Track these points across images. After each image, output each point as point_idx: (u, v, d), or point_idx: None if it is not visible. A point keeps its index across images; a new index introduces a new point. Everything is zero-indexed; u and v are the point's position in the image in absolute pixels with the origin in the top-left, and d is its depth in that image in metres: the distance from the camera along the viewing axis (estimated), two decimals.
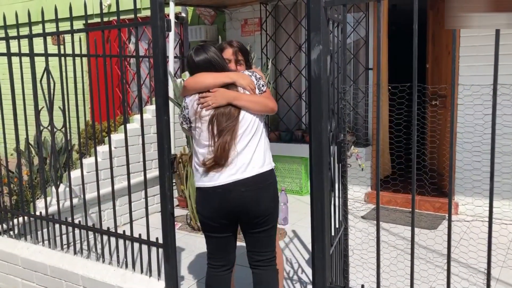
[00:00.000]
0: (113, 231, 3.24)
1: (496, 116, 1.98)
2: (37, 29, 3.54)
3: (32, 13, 4.02)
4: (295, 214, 4.86)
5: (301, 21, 5.67)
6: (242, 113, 2.37)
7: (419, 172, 4.44)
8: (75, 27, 3.14)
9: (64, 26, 5.43)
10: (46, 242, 3.70)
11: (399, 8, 6.73)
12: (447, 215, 4.65)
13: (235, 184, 2.34)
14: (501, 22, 1.98)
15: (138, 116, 5.02)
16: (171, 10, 5.22)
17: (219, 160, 2.33)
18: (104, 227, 3.35)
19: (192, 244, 4.23)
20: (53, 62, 3.76)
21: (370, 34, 5.23)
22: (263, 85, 2.46)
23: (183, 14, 6.30)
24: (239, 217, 2.42)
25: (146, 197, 3.03)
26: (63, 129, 3.40)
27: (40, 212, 3.66)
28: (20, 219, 3.86)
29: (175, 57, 5.43)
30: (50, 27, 6.42)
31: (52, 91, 3.36)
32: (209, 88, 2.37)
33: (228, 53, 2.56)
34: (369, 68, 5.27)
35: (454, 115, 4.55)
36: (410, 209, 4.91)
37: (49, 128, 3.45)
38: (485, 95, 4.29)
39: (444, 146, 4.93)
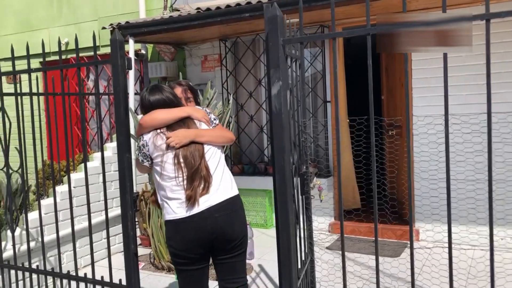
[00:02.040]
0: (74, 274, 3.11)
1: (449, 145, 2.07)
2: None
3: None
4: (261, 248, 4.83)
5: (260, 57, 5.80)
6: (207, 147, 2.47)
7: (380, 202, 4.53)
8: (31, 66, 3.10)
9: (21, 64, 5.33)
10: None
11: (353, 42, 7.02)
12: (409, 242, 4.76)
13: (209, 210, 2.38)
14: (444, 51, 2.11)
15: (97, 154, 4.92)
16: (131, 47, 5.24)
17: (197, 198, 2.39)
18: (64, 271, 3.22)
19: (156, 284, 4.12)
20: (8, 101, 3.67)
21: (327, 68, 5.40)
22: (214, 118, 2.60)
23: (143, 51, 6.32)
24: (214, 244, 2.44)
25: (108, 237, 2.95)
26: (19, 170, 3.30)
27: None
28: None
29: (135, 94, 5.41)
30: (5, 66, 6.29)
31: (8, 131, 3.26)
32: (165, 123, 2.45)
33: (178, 91, 2.73)
34: (327, 101, 5.42)
35: (410, 145, 4.71)
36: (373, 238, 4.99)
37: (4, 170, 3.33)
38: (438, 125, 4.49)
39: (402, 175, 5.08)
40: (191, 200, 2.36)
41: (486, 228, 4.42)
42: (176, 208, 2.39)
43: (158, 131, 2.45)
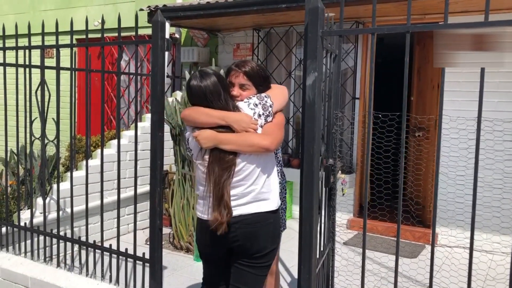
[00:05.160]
0: (100, 245, 3.23)
1: (479, 149, 2.09)
2: (26, 42, 3.61)
3: (22, 27, 4.07)
4: None
5: (292, 49, 5.83)
6: (241, 156, 2.22)
7: (403, 203, 4.55)
8: (63, 43, 3.21)
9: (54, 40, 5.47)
10: (28, 254, 3.67)
11: (386, 42, 6.97)
12: (427, 244, 4.76)
13: (231, 219, 2.22)
14: (484, 60, 2.12)
15: (126, 132, 5.05)
16: (167, 30, 5.33)
17: (219, 213, 2.20)
18: (90, 241, 3.34)
19: (174, 263, 4.23)
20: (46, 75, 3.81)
21: (358, 65, 5.39)
22: (269, 114, 2.28)
23: (177, 35, 6.41)
24: (233, 250, 2.34)
25: (135, 212, 3.06)
26: (55, 141, 3.42)
27: (25, 223, 3.63)
28: (3, 229, 3.82)
29: (167, 76, 5.51)
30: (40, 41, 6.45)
31: (46, 103, 3.39)
32: (201, 126, 2.23)
33: (233, 76, 2.38)
34: (356, 97, 5.42)
35: (438, 147, 4.68)
36: (390, 237, 5.00)
37: (40, 139, 3.46)
38: (469, 127, 4.45)
39: (427, 178, 5.07)
40: (215, 222, 2.20)
41: (509, 238, 4.39)
42: (202, 208, 2.33)
43: (197, 131, 2.25)
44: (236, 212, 2.24)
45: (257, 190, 2.26)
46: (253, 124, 2.22)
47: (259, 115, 2.26)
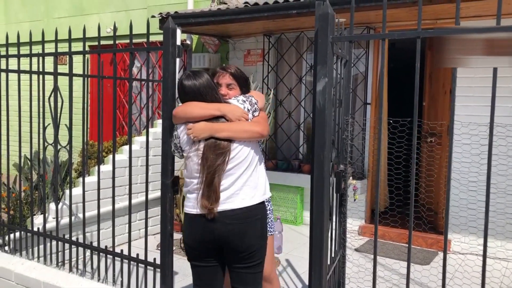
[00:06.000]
0: (111, 250, 3.25)
1: (492, 155, 2.07)
2: (40, 49, 3.67)
3: (36, 34, 4.13)
4: (289, 244, 4.88)
5: (303, 54, 5.83)
6: (235, 144, 2.32)
7: (415, 209, 4.51)
8: (76, 50, 3.25)
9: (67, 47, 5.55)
10: (41, 259, 3.70)
11: (397, 47, 6.95)
12: (439, 251, 4.71)
13: (220, 214, 2.29)
14: (497, 64, 2.10)
15: (138, 138, 5.09)
16: (178, 37, 5.36)
17: (207, 199, 2.29)
18: (101, 246, 3.36)
19: (185, 268, 4.23)
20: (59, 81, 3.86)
21: (369, 70, 5.38)
22: (256, 110, 2.43)
23: (188, 42, 6.45)
24: (223, 249, 2.37)
25: (146, 218, 3.07)
26: (67, 147, 3.46)
27: (38, 228, 3.67)
28: (16, 234, 3.86)
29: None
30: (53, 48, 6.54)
31: (59, 109, 3.43)
32: (196, 119, 2.33)
33: (219, 77, 2.58)
34: (367, 102, 5.40)
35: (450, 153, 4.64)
36: (402, 243, 4.96)
37: (53, 144, 3.50)
38: (481, 133, 4.40)
39: (439, 184, 5.02)
40: (204, 208, 2.29)
41: None
42: (192, 203, 2.36)
43: (190, 124, 2.35)
44: (225, 206, 2.30)
45: (244, 180, 2.33)
46: (245, 113, 2.37)
47: (248, 110, 2.40)
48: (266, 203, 2.57)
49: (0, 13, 8.63)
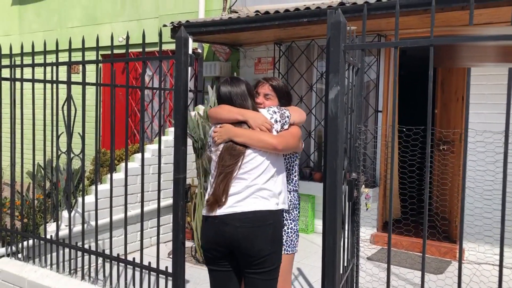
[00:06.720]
0: (123, 258, 3.26)
1: (507, 163, 2.04)
2: (53, 58, 3.72)
3: (50, 43, 4.18)
4: (301, 253, 4.84)
5: (314, 62, 5.83)
6: (249, 150, 2.37)
7: (428, 218, 4.46)
8: (92, 58, 3.28)
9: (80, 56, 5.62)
10: (54, 266, 3.72)
11: (408, 54, 6.92)
12: (453, 260, 4.65)
13: (230, 217, 2.31)
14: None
15: (150, 146, 5.11)
16: (189, 46, 5.40)
17: (219, 200, 2.34)
18: (113, 254, 3.37)
19: (196, 276, 4.23)
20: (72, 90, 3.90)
21: (381, 77, 5.36)
22: (286, 123, 2.46)
23: (199, 50, 6.50)
24: (235, 253, 2.37)
25: (158, 225, 3.08)
26: (80, 155, 3.48)
27: (51, 236, 3.69)
28: (30, 242, 3.89)
29: (189, 91, 5.57)
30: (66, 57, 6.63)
31: (73, 118, 3.46)
32: (223, 121, 2.45)
33: (259, 86, 2.70)
34: (379, 110, 5.38)
35: (464, 160, 4.60)
36: (415, 252, 4.90)
37: (66, 153, 3.53)
38: (496, 141, 4.35)
39: (453, 192, 4.96)
40: (210, 205, 2.35)
41: None
42: (206, 205, 2.40)
43: (218, 126, 2.46)
44: (235, 209, 2.32)
45: (258, 186, 2.34)
46: (267, 123, 2.40)
47: (276, 121, 2.44)
48: (285, 215, 2.62)
49: (15, 24, 8.77)
